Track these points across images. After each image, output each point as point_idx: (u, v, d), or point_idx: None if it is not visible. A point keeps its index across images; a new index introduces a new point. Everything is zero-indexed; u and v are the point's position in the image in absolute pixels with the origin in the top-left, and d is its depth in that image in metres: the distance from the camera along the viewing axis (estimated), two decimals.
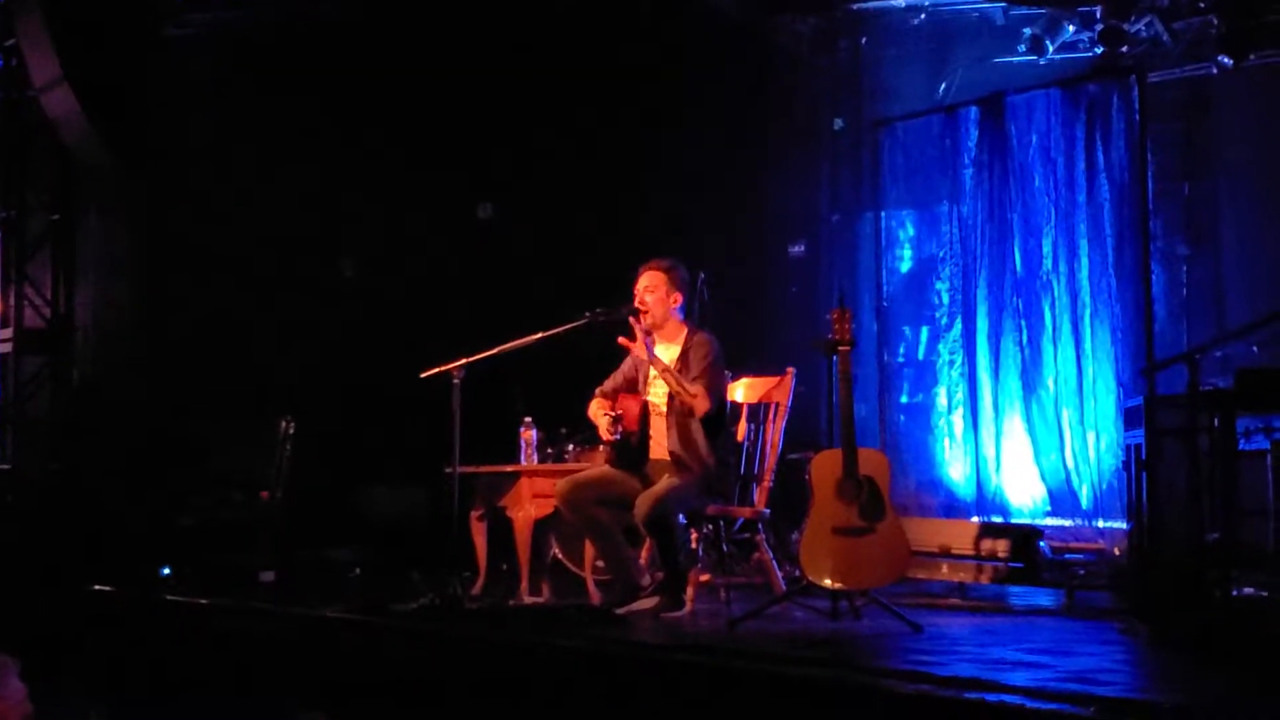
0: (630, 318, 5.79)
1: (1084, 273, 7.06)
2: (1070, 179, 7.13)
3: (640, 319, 5.82)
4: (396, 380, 6.55)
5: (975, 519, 7.10)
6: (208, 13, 8.85)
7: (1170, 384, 5.26)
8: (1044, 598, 6.33)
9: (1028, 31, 7.74)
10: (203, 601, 6.35)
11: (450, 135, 8.79)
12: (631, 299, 5.91)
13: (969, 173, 7.50)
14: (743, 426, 6.10)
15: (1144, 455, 5.03)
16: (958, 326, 7.53)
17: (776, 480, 5.97)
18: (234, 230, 8.67)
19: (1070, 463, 7.02)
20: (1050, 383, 7.13)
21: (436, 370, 5.80)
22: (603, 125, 8.54)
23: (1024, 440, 7.21)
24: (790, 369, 6.09)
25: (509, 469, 6.39)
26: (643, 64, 8.27)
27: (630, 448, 5.85)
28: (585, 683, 4.62)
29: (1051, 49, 7.73)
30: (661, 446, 5.81)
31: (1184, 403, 4.80)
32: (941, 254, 7.65)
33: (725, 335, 6.07)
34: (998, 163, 7.39)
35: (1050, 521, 6.99)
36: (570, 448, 6.83)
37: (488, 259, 8.80)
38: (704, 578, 6.09)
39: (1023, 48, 7.80)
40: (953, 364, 7.56)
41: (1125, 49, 7.44)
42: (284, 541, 7.59)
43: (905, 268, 7.99)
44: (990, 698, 3.72)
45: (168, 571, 7.21)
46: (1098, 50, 7.52)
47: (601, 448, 6.34)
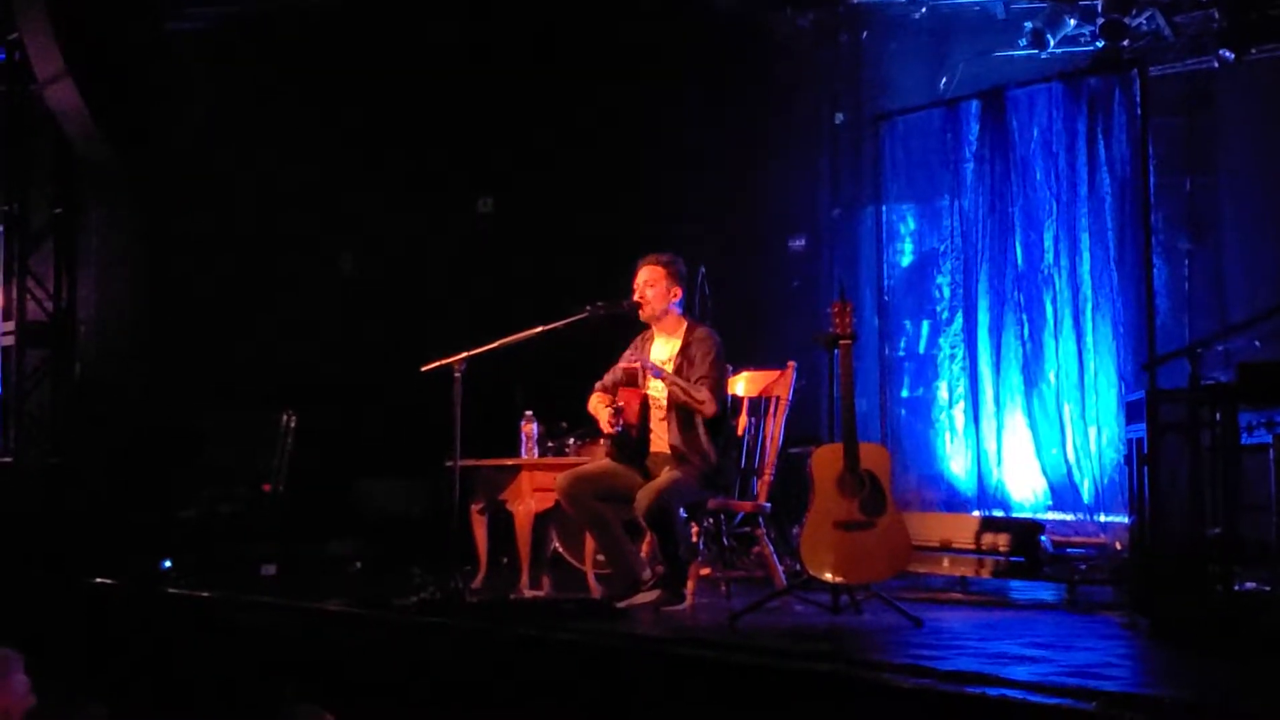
0: (625, 374, 5.80)
1: (1085, 267, 7.06)
2: (1071, 173, 7.13)
3: (639, 313, 5.85)
4: (397, 374, 6.56)
5: (976, 513, 7.09)
6: (211, 7, 8.86)
7: (1172, 378, 5.26)
8: (1045, 592, 6.33)
9: (1029, 25, 7.73)
10: (204, 594, 6.36)
11: (451, 130, 8.81)
12: (631, 293, 5.92)
13: (970, 166, 7.49)
14: (743, 420, 6.08)
15: (1145, 449, 5.02)
16: (959, 320, 7.53)
17: (777, 474, 5.96)
18: (236, 223, 8.69)
19: (1071, 457, 7.02)
20: (1051, 377, 7.13)
21: (437, 364, 5.79)
22: (603, 120, 8.55)
23: (1025, 434, 7.22)
24: (791, 363, 6.07)
25: (510, 463, 6.38)
26: (644, 59, 8.28)
27: (631, 441, 5.85)
28: (586, 676, 4.62)
29: (1053, 43, 7.71)
30: (662, 440, 5.81)
31: (1186, 397, 4.79)
32: (942, 248, 7.65)
33: (726, 329, 6.06)
34: (999, 157, 7.39)
35: (1051, 516, 6.99)
36: (571, 441, 6.84)
37: (488, 253, 8.82)
38: (705, 571, 6.09)
39: (1024, 41, 7.78)
40: (954, 358, 7.56)
41: (1127, 43, 7.43)
42: (285, 535, 7.60)
43: (906, 262, 7.99)
44: (992, 692, 3.71)
45: (169, 564, 7.21)
46: (1099, 44, 7.51)
47: (602, 441, 6.36)
